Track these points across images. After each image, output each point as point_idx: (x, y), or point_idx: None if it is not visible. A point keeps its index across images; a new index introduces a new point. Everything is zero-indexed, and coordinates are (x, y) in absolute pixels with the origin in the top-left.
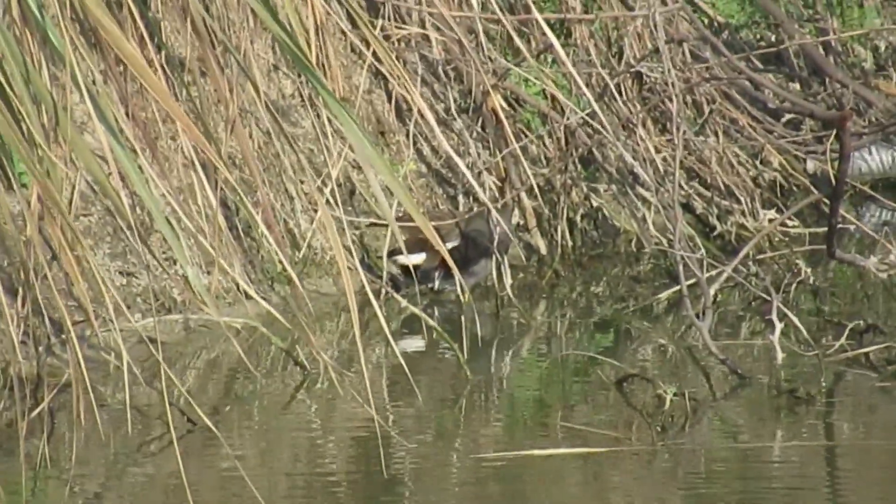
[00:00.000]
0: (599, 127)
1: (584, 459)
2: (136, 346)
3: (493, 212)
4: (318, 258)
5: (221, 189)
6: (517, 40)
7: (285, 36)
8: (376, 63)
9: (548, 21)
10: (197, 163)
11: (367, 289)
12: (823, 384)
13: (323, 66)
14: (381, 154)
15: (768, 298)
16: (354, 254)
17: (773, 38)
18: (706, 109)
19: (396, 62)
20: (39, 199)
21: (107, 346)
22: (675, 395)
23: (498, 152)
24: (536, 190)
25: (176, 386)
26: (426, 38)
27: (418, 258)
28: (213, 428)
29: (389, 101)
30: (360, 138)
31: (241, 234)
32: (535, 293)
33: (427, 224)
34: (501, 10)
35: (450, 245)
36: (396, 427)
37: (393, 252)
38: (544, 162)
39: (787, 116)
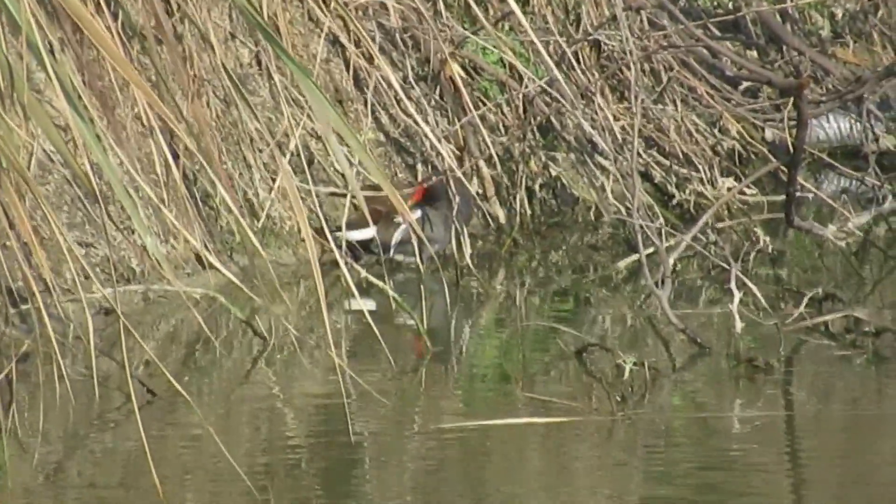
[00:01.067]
0: (557, 95)
1: (545, 429)
2: (95, 316)
3: (452, 182)
4: (276, 228)
5: (180, 158)
6: (475, 8)
7: (245, 1)
8: (335, 30)
9: None
10: (157, 130)
11: (336, 252)
12: (782, 353)
13: (280, 33)
14: (345, 119)
15: (727, 267)
16: (314, 223)
17: (730, 6)
18: (664, 77)
19: (359, 25)
20: None
21: (65, 317)
22: (634, 364)
23: (456, 121)
24: (495, 159)
25: (135, 357)
26: (383, 6)
27: (366, 233)
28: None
29: (347, 69)
30: (323, 102)
31: (200, 204)
32: (494, 262)
33: (393, 190)
34: None
35: (416, 215)
36: (357, 396)
37: (339, 228)
38: (503, 131)
39: (745, 84)
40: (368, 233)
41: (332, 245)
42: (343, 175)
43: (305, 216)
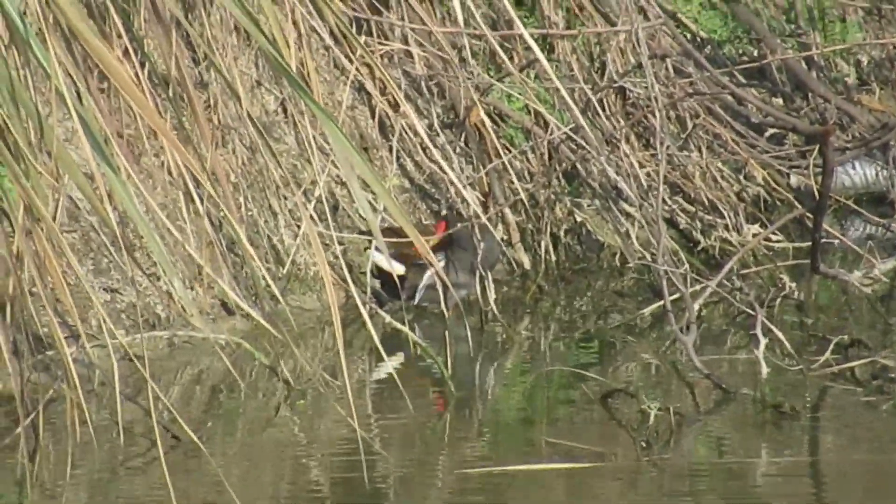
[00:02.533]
0: (583, 142)
1: (569, 475)
2: (120, 362)
3: (476, 228)
4: (301, 274)
5: (206, 205)
6: (501, 54)
7: (271, 47)
8: (360, 77)
9: (531, 36)
10: (184, 178)
11: (356, 297)
12: (808, 399)
13: (306, 80)
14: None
15: (752, 313)
16: (337, 269)
17: (755, 53)
18: (689, 124)
19: (385, 73)
20: (26, 213)
21: (91, 363)
22: (659, 409)
23: (482, 167)
24: (521, 205)
25: (160, 402)
26: (409, 54)
27: (398, 268)
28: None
29: (373, 116)
30: (347, 147)
31: (226, 250)
32: (519, 308)
33: (415, 232)
34: (484, 25)
35: (441, 262)
36: (381, 442)
37: (376, 249)
38: (528, 177)
39: (771, 131)
40: (400, 268)
41: (353, 292)
42: (367, 221)
43: (326, 263)
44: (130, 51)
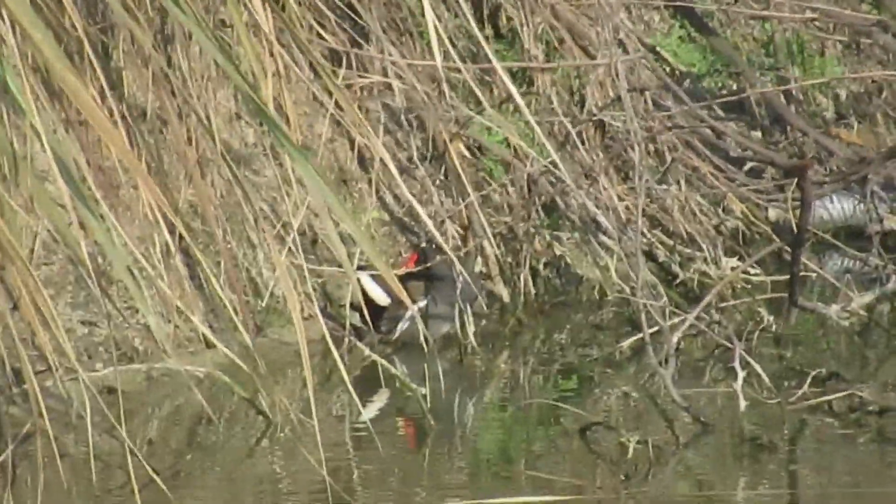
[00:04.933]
0: (562, 175)
1: None
2: (98, 395)
3: (457, 262)
4: (280, 307)
5: (182, 238)
6: (477, 91)
7: (246, 86)
8: (338, 112)
9: (510, 70)
10: (157, 212)
11: (328, 337)
12: (786, 432)
13: (285, 114)
14: (343, 202)
15: (731, 346)
16: (316, 302)
17: (734, 87)
18: (668, 158)
19: (358, 111)
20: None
21: (68, 396)
22: (638, 442)
23: (461, 200)
24: (499, 238)
25: (138, 435)
26: (388, 86)
27: (382, 298)
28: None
29: (352, 148)
30: (321, 186)
31: (203, 283)
32: (498, 341)
33: (392, 277)
34: (463, 59)
35: (421, 303)
36: (359, 475)
37: (361, 268)
38: (507, 210)
39: (749, 165)
40: (385, 299)
41: (325, 329)
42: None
43: (296, 298)
44: (105, 86)
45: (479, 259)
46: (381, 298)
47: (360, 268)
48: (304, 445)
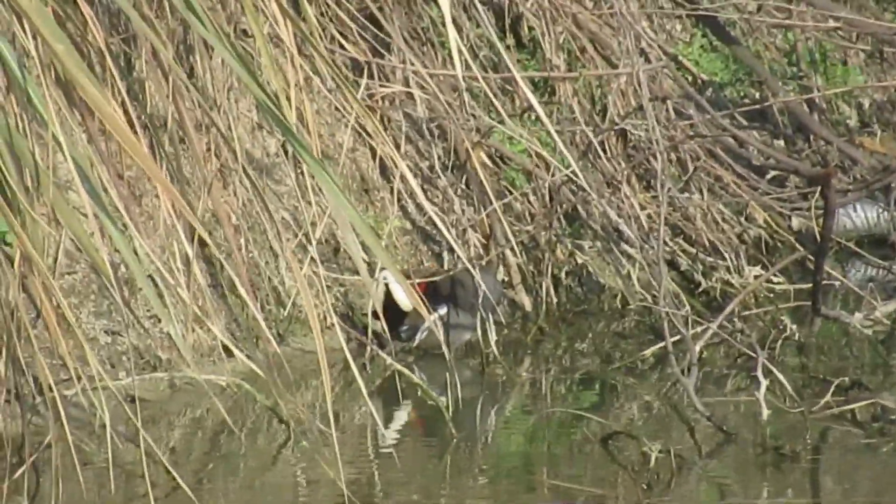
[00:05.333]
0: (584, 184)
1: None
2: (121, 403)
3: (477, 272)
4: (302, 316)
5: (195, 246)
6: (495, 102)
7: (266, 98)
8: (360, 122)
9: (532, 79)
10: (178, 221)
11: (345, 349)
12: (809, 441)
13: (307, 124)
14: (363, 213)
15: (753, 355)
16: (337, 311)
17: (757, 96)
18: (690, 166)
19: (378, 124)
20: (23, 258)
21: (91, 405)
22: (660, 451)
23: (483, 209)
24: (521, 247)
25: (160, 444)
26: (410, 96)
27: (406, 302)
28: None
29: (374, 158)
30: (339, 198)
31: (227, 292)
32: (520, 350)
33: (412, 291)
34: (485, 68)
35: (441, 311)
36: (381, 484)
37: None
38: (529, 219)
39: (772, 173)
40: (408, 304)
41: (342, 340)
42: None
43: (314, 309)
44: (125, 96)
45: (502, 268)
46: (405, 302)
47: (384, 268)
48: (325, 455)
